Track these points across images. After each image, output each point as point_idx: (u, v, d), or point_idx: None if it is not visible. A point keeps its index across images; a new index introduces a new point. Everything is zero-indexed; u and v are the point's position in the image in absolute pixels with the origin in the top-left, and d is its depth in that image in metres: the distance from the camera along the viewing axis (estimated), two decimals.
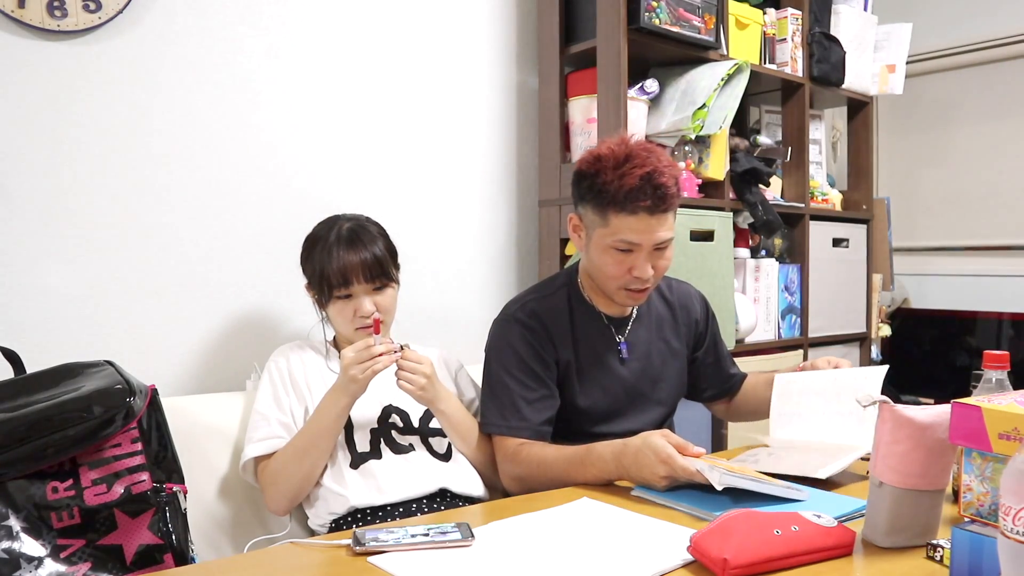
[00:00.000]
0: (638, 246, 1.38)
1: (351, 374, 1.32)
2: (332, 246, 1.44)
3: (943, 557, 0.93)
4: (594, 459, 1.31)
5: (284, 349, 1.51)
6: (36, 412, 1.15)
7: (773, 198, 2.41)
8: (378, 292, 1.46)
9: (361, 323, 1.44)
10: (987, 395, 0.98)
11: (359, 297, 1.45)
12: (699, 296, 1.67)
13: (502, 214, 2.22)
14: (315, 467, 1.38)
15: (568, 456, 1.35)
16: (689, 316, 1.61)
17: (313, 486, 1.40)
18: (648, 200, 1.33)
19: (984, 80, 3.35)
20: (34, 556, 1.11)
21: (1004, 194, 3.30)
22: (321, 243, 1.46)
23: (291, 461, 1.37)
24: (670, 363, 1.57)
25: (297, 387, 1.46)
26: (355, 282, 1.43)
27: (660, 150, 1.41)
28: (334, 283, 1.43)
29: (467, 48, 2.14)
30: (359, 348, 1.33)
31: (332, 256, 1.43)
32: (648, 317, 1.57)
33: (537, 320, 1.48)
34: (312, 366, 1.50)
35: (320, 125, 1.88)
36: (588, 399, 1.49)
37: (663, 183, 1.34)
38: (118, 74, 1.60)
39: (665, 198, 1.35)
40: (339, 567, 0.99)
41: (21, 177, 1.51)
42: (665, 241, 1.39)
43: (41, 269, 1.53)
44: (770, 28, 2.40)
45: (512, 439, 1.43)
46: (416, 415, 1.47)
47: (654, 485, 1.22)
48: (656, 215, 1.35)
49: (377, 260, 1.45)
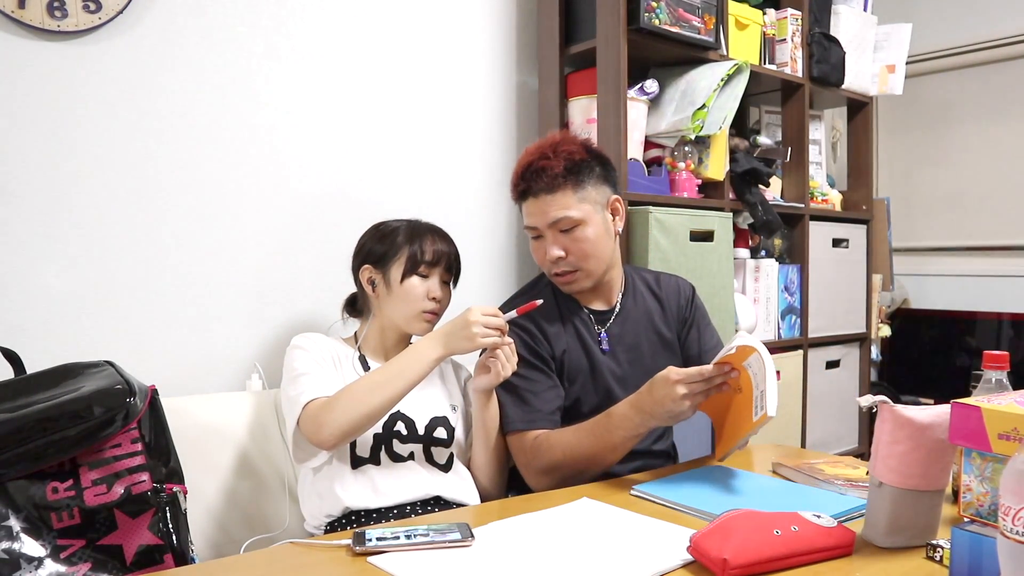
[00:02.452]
0: (537, 229, 1.47)
1: (473, 331, 1.33)
2: (425, 231, 1.52)
3: (943, 557, 0.93)
4: (617, 420, 1.34)
5: (306, 334, 1.51)
6: (36, 412, 1.15)
7: (773, 198, 2.41)
8: (443, 286, 1.54)
9: (430, 306, 1.49)
10: (987, 395, 0.98)
11: (434, 279, 1.50)
12: (687, 285, 1.67)
13: (502, 214, 2.22)
14: (382, 407, 1.33)
15: (589, 429, 1.37)
16: (677, 301, 1.63)
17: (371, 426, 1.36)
18: (524, 184, 1.45)
19: (984, 80, 3.35)
20: (34, 556, 1.11)
21: (1004, 194, 3.30)
22: (407, 228, 1.52)
23: (361, 392, 1.32)
24: (663, 353, 1.57)
25: (330, 360, 1.46)
26: (441, 264, 1.51)
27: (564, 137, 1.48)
28: (427, 259, 1.49)
29: (467, 48, 2.14)
30: (491, 312, 1.36)
31: (427, 238, 1.51)
32: (635, 311, 1.58)
33: (528, 318, 1.49)
34: (338, 350, 1.50)
35: (320, 125, 1.88)
36: (579, 390, 1.50)
37: (541, 166, 1.43)
38: (118, 74, 1.60)
39: (539, 179, 1.43)
40: (339, 567, 0.99)
41: (21, 177, 1.51)
42: (561, 220, 1.43)
43: (41, 269, 1.53)
44: (770, 28, 2.40)
45: (529, 434, 1.43)
46: (421, 423, 1.46)
47: (682, 412, 1.26)
48: (540, 196, 1.44)
49: (458, 257, 1.56)
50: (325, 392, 1.36)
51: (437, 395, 1.52)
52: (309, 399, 1.35)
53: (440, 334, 1.37)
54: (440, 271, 1.51)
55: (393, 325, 1.52)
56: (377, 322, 1.54)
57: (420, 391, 1.49)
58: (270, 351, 1.72)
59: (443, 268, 1.52)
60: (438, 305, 1.50)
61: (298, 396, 1.36)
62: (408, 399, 1.43)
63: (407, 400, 1.44)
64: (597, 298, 1.56)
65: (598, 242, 1.46)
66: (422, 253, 1.49)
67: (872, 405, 1.00)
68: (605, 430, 1.34)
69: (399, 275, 1.48)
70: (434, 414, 1.48)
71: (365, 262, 1.53)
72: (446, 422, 1.48)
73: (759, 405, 1.21)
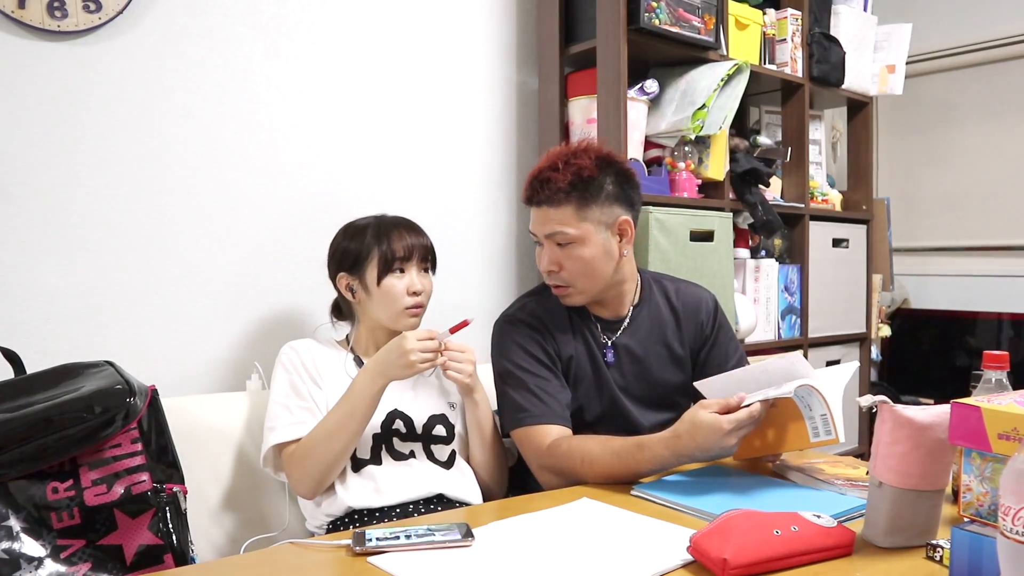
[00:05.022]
0: (536, 236, 1.47)
1: (411, 359, 1.33)
2: (391, 227, 1.50)
3: (943, 557, 0.93)
4: (648, 456, 1.28)
5: (294, 344, 1.51)
6: (36, 412, 1.15)
7: (773, 198, 2.41)
8: (423, 275, 1.52)
9: (412, 301, 1.48)
10: (987, 395, 0.98)
11: (411, 273, 1.49)
12: (710, 299, 1.61)
13: (502, 214, 2.22)
14: (345, 450, 1.36)
15: (616, 451, 1.31)
16: (696, 318, 1.57)
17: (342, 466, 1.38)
18: (530, 191, 1.45)
19: (984, 80, 3.35)
20: (34, 556, 1.11)
21: (1004, 194, 3.30)
22: (374, 227, 1.51)
23: (320, 443, 1.35)
24: (671, 368, 1.55)
25: (312, 377, 1.46)
26: (414, 258, 1.49)
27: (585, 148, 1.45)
28: (399, 255, 1.47)
29: (467, 48, 2.14)
30: (426, 336, 1.36)
31: (394, 234, 1.49)
32: (647, 322, 1.54)
33: (538, 320, 1.50)
34: (324, 359, 1.49)
35: (320, 125, 1.88)
36: (583, 397, 1.49)
37: (548, 177, 1.41)
38: (118, 74, 1.60)
39: (544, 190, 1.42)
40: (339, 567, 0.99)
41: (21, 177, 1.51)
42: (558, 235, 1.42)
43: (41, 269, 1.53)
44: (770, 28, 2.40)
45: (541, 429, 1.40)
46: (420, 421, 1.47)
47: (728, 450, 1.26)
48: (541, 207, 1.43)
49: (430, 244, 1.54)
50: (294, 434, 1.39)
51: (434, 393, 1.52)
52: (278, 441, 1.39)
53: (378, 363, 1.36)
54: (415, 263, 1.50)
55: (380, 325, 1.52)
56: (364, 324, 1.54)
57: (417, 390, 1.50)
58: (269, 351, 1.71)
59: (418, 259, 1.50)
60: (420, 297, 1.50)
61: (268, 433, 1.41)
62: (405, 398, 1.45)
63: (405, 399, 1.45)
64: (606, 308, 1.53)
65: (593, 262, 1.43)
66: (392, 251, 1.47)
67: (872, 405, 1.00)
68: (633, 459, 1.29)
69: (375, 278, 1.47)
70: (432, 412, 1.48)
71: (340, 270, 1.52)
72: (445, 419, 1.48)
73: (819, 428, 1.26)
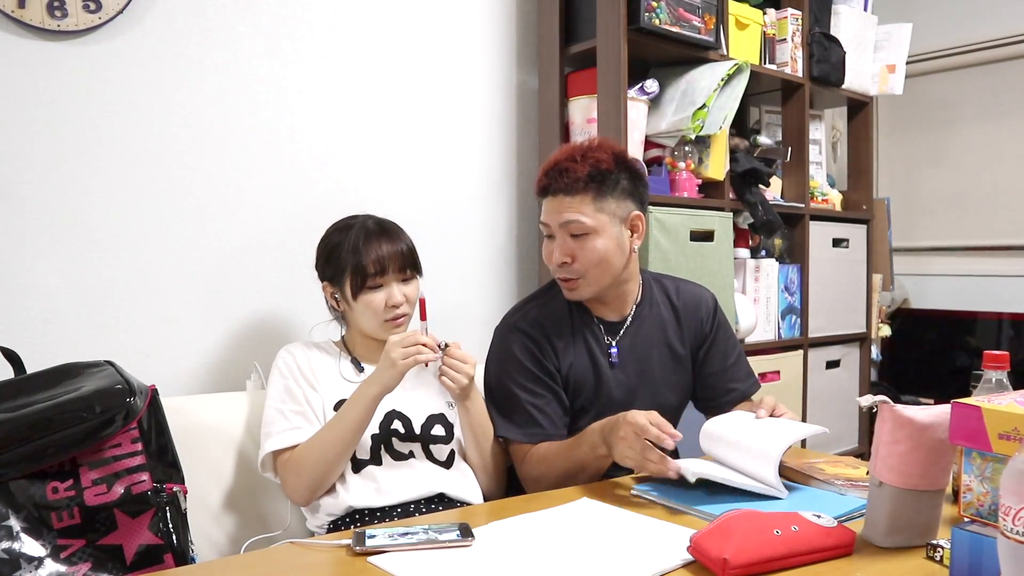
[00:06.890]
0: (549, 227, 1.46)
1: (392, 357, 1.32)
2: (364, 238, 1.46)
3: (943, 557, 0.93)
4: (586, 437, 1.35)
5: (290, 347, 1.51)
6: (36, 412, 1.15)
7: (773, 198, 2.41)
8: (405, 284, 1.48)
9: (391, 314, 1.45)
10: (987, 395, 0.98)
11: (390, 286, 1.46)
12: (709, 298, 1.62)
13: (502, 214, 2.22)
14: (340, 458, 1.36)
15: (567, 444, 1.40)
16: (696, 316, 1.58)
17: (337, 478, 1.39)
18: (546, 180, 1.44)
19: (984, 80, 3.35)
20: (34, 556, 1.11)
21: (1004, 194, 3.30)
22: (350, 238, 1.47)
23: (316, 452, 1.35)
24: (672, 367, 1.55)
25: (308, 380, 1.46)
26: (390, 271, 1.45)
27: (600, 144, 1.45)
28: (370, 272, 1.43)
29: (467, 48, 2.14)
30: (405, 334, 1.36)
31: (366, 247, 1.44)
32: (649, 321, 1.55)
33: (539, 328, 1.49)
34: (320, 363, 1.49)
35: (320, 125, 1.88)
36: (583, 402, 1.50)
37: (566, 167, 1.41)
38: (118, 74, 1.60)
39: (561, 179, 1.41)
40: (339, 567, 0.99)
41: (21, 177, 1.51)
42: (573, 224, 1.42)
43: (41, 269, 1.53)
44: (770, 28, 2.40)
45: (529, 447, 1.46)
46: (418, 421, 1.46)
47: (626, 463, 1.26)
48: (558, 195, 1.43)
49: (409, 250, 1.49)
50: (289, 441, 1.38)
51: (432, 393, 1.51)
52: (273, 449, 1.38)
53: (375, 373, 1.37)
54: (392, 274, 1.45)
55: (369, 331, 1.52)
56: (355, 328, 1.54)
57: (414, 390, 1.49)
58: (270, 351, 1.71)
59: (395, 270, 1.45)
60: (399, 308, 1.46)
61: (265, 439, 1.40)
62: (403, 398, 1.44)
63: (402, 399, 1.44)
64: (609, 308, 1.53)
65: (606, 255, 1.44)
66: (364, 268, 1.43)
67: (872, 405, 1.00)
68: (576, 445, 1.37)
69: (351, 293, 1.46)
70: (430, 412, 1.48)
71: (322, 279, 1.52)
72: (443, 419, 1.48)
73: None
